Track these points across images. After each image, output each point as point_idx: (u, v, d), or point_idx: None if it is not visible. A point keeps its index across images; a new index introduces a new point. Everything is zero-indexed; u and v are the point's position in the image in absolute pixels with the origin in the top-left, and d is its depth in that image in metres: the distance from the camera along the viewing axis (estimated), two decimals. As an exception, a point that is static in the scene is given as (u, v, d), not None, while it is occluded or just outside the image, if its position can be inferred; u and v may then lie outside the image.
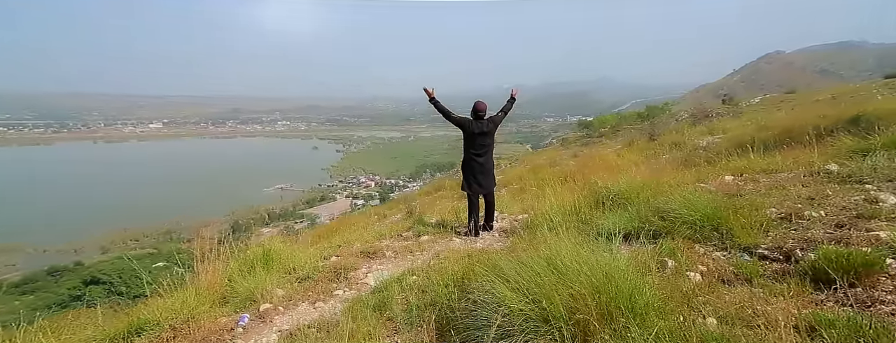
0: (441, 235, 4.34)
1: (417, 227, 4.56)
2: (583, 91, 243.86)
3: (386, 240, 4.41)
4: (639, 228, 3.18)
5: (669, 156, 8.39)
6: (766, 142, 5.89)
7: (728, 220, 2.77)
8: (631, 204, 3.67)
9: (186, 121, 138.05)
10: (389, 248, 4.03)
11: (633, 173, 4.44)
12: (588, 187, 4.33)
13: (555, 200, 3.96)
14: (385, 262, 3.66)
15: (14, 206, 50.24)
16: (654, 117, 23.14)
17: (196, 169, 77.25)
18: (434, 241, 4.16)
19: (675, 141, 9.58)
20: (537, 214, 3.92)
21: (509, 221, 4.68)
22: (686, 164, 6.34)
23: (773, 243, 2.43)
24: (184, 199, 54.69)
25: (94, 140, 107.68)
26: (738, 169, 4.53)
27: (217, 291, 2.88)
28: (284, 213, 47.99)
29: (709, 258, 2.53)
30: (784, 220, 2.72)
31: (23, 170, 72.91)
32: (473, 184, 4.25)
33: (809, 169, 3.81)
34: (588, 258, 2.08)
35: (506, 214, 5.05)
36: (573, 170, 6.60)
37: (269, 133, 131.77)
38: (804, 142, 4.87)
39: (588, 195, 4.07)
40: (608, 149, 9.47)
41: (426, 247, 4.00)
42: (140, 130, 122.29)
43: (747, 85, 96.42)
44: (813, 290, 1.90)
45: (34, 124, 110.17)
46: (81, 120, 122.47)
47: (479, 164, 4.23)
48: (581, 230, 3.26)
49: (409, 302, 2.55)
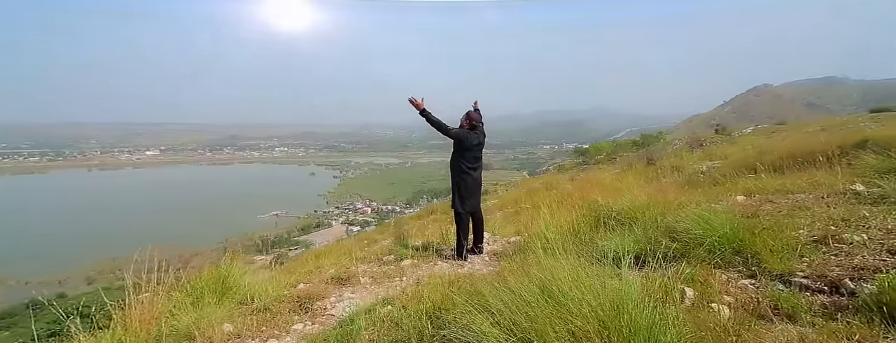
0: (425, 259, 3.90)
1: (400, 251, 4.12)
2: (577, 120, 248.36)
3: (365, 264, 3.96)
4: (647, 250, 2.79)
5: (670, 179, 8.09)
6: (772, 164, 5.60)
7: (752, 242, 2.39)
8: (636, 223, 3.29)
9: (183, 147, 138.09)
10: (367, 273, 3.57)
11: (635, 193, 4.09)
12: (587, 206, 3.96)
13: (551, 220, 3.57)
14: (359, 289, 3.21)
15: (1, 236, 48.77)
16: (650, 145, 23.17)
17: (191, 196, 76.21)
18: (417, 266, 3.72)
19: (674, 165, 9.31)
20: (531, 235, 3.52)
21: (501, 244, 4.27)
22: (689, 186, 6.02)
23: (813, 271, 2.04)
24: (177, 226, 53.47)
25: (90, 168, 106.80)
26: (749, 189, 4.19)
27: (150, 330, 2.41)
28: (279, 239, 46.86)
29: (734, 287, 2.13)
30: (819, 244, 2.33)
31: (12, 198, 71.62)
32: (468, 200, 3.88)
33: (831, 189, 3.47)
34: (592, 284, 1.69)
35: (498, 236, 4.63)
36: (571, 191, 6.24)
37: (266, 159, 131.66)
38: (815, 164, 4.58)
39: (587, 214, 3.69)
40: (606, 173, 9.15)
41: (408, 272, 3.55)
42: (136, 158, 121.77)
43: (738, 116, 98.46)
44: (883, 332, 1.49)
45: (30, 153, 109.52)
46: (78, 148, 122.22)
47: (474, 178, 3.89)
48: (581, 252, 2.87)
49: (375, 340, 2.10)
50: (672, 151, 15.80)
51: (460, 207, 3.87)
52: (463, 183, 3.87)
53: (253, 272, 3.36)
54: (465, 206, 3.87)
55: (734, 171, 5.74)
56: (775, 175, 4.57)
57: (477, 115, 3.89)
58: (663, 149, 18.92)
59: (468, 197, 3.87)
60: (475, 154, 3.88)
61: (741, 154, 9.32)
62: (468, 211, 3.91)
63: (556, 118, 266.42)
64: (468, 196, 3.87)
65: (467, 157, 3.85)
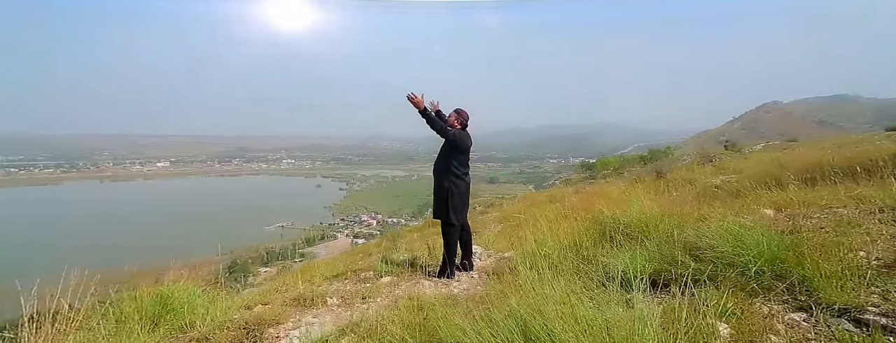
0: (407, 276, 3.44)
1: (381, 267, 3.66)
2: (583, 134, 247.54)
3: (340, 282, 3.50)
4: (663, 271, 2.32)
5: (682, 191, 7.57)
6: (799, 177, 5.08)
7: (798, 264, 1.91)
8: (648, 238, 2.82)
9: (193, 159, 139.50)
10: (337, 292, 3.11)
11: (646, 204, 3.62)
12: (591, 218, 3.49)
13: (549, 233, 3.11)
14: (324, 312, 2.75)
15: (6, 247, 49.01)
16: (658, 160, 22.63)
17: (198, 207, 76.46)
18: (396, 284, 3.27)
19: (685, 178, 8.77)
20: (527, 251, 3.06)
21: (495, 260, 3.80)
22: (704, 199, 5.51)
23: (893, 306, 1.56)
24: (182, 237, 53.36)
25: (101, 179, 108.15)
26: (777, 202, 3.68)
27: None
28: (284, 251, 46.45)
29: (782, 322, 1.65)
30: (891, 271, 1.84)
31: (23, 210, 72.35)
32: (461, 211, 3.45)
33: (883, 204, 2.96)
34: (592, 319, 1.24)
35: (491, 251, 4.16)
36: (575, 204, 5.76)
37: (273, 171, 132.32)
38: (853, 176, 4.07)
39: (591, 227, 3.22)
40: (613, 186, 8.64)
41: (385, 292, 3.09)
42: (147, 169, 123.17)
43: (748, 132, 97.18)
44: None
45: (45, 164, 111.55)
46: (91, 160, 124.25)
47: (467, 184, 3.49)
48: (582, 271, 2.40)
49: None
50: (682, 165, 15.24)
51: (453, 219, 3.40)
52: (456, 190, 3.42)
53: (208, 290, 2.92)
54: (458, 218, 3.43)
55: (753, 185, 5.25)
56: (805, 188, 4.06)
57: (467, 115, 3.50)
58: (672, 163, 18.36)
59: (461, 206, 3.45)
60: (467, 157, 3.49)
61: (758, 167, 8.77)
62: (461, 223, 3.48)
63: (562, 132, 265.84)
64: (461, 205, 3.45)
65: (461, 161, 3.44)
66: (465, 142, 3.41)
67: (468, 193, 3.53)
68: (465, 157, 3.47)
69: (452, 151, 3.43)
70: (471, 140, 3.48)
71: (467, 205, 3.55)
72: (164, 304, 2.54)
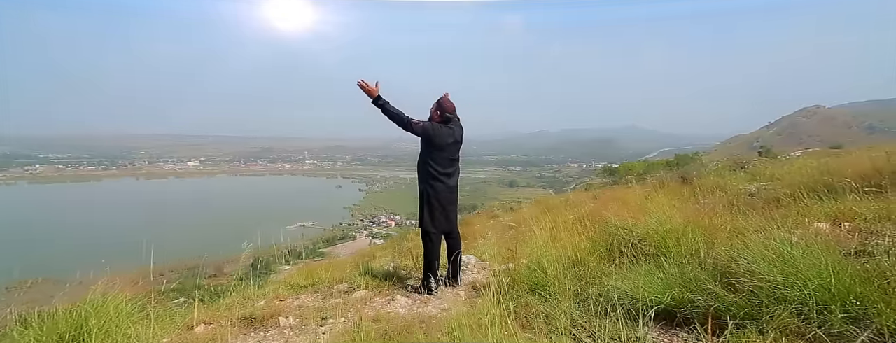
0: (384, 291, 3.00)
1: (357, 279, 3.23)
2: (607, 138, 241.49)
3: (308, 295, 3.09)
4: (685, 302, 1.79)
5: (711, 199, 6.78)
6: (857, 184, 4.32)
7: (887, 303, 1.35)
8: (667, 256, 2.28)
9: (221, 159, 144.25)
10: (298, 310, 2.71)
11: (666, 212, 3.04)
12: (599, 227, 2.95)
13: (549, 243, 2.61)
14: (272, 336, 2.33)
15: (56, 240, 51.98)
16: (685, 165, 21.41)
17: (223, 205, 78.89)
18: (368, 301, 2.82)
19: (715, 184, 7.92)
20: (521, 267, 2.56)
21: (489, 272, 3.31)
22: (738, 209, 4.79)
23: None
24: (208, 234, 55.06)
25: (137, 177, 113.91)
26: (832, 214, 3.04)
27: None
28: (305, 251, 47.12)
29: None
30: None
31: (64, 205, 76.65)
32: (439, 217, 2.99)
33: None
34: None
35: (486, 262, 3.67)
36: (590, 210, 5.17)
37: (296, 171, 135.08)
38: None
39: (598, 238, 2.69)
40: (634, 191, 7.91)
41: (353, 309, 2.66)
42: (179, 168, 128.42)
43: (784, 138, 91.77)
44: None
45: (89, 162, 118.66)
46: (130, 158, 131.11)
47: (447, 187, 3.01)
48: (579, 296, 1.92)
49: None
50: (711, 170, 14.13)
51: (430, 226, 2.97)
52: (433, 192, 2.98)
53: (147, 307, 2.49)
54: (436, 224, 2.99)
55: (799, 192, 4.51)
56: (866, 197, 3.36)
57: (451, 105, 2.99)
58: (701, 169, 17.13)
59: (439, 212, 2.99)
60: (449, 155, 2.99)
61: (800, 174, 7.81)
62: (440, 231, 3.02)
63: (585, 136, 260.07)
64: (439, 211, 2.99)
65: (439, 160, 2.96)
66: (442, 138, 2.92)
67: (451, 198, 3.06)
68: (444, 154, 2.97)
69: (427, 148, 2.98)
70: (455, 134, 2.99)
71: (453, 211, 3.09)
72: (79, 328, 2.07)
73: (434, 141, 2.92)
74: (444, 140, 2.93)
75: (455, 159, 3.04)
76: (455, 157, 3.04)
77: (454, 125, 3.01)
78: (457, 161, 3.08)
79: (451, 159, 3.01)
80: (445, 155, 2.98)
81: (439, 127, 2.95)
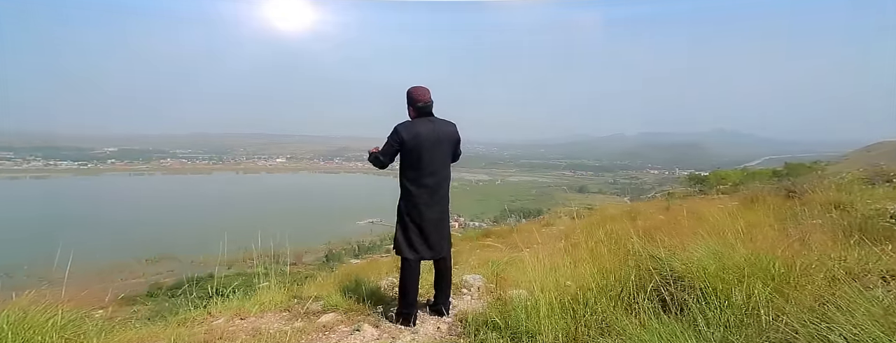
0: (354, 316, 2.62)
1: (332, 299, 2.81)
2: (692, 143, 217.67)
3: (274, 314, 2.78)
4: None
5: (822, 220, 5.30)
6: None
7: None
8: (712, 304, 1.64)
9: (303, 156, 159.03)
10: (253, 334, 2.39)
11: (728, 235, 2.31)
12: (625, 253, 2.45)
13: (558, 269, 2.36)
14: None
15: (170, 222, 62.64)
16: (797, 177, 18.23)
17: (302, 199, 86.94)
18: (331, 329, 2.45)
19: (833, 200, 6.26)
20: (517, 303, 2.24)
21: (490, 299, 2.81)
22: (864, 236, 3.58)
23: None
24: (288, 226, 61.21)
25: (237, 171, 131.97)
26: None
27: None
28: (372, 245, 49.97)
29: None
30: None
31: (181, 194, 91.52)
32: (416, 240, 2.41)
33: None
34: None
35: (493, 285, 3.17)
36: (655, 225, 4.66)
37: (368, 170, 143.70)
38: None
39: (620, 268, 2.18)
40: (717, 204, 6.67)
41: (313, 338, 2.36)
42: (269, 164, 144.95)
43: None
44: None
45: (201, 157, 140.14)
46: (232, 155, 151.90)
47: (427, 202, 2.41)
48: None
49: None
50: (834, 182, 11.41)
51: (407, 251, 2.41)
52: (405, 207, 2.44)
53: (93, 316, 2.47)
54: (415, 250, 2.42)
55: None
56: None
57: (423, 92, 2.39)
58: (818, 181, 14.10)
59: (415, 234, 2.41)
60: (431, 157, 2.37)
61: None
62: (421, 257, 2.45)
63: (666, 140, 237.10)
64: (415, 232, 2.42)
65: (414, 164, 2.38)
66: (414, 138, 2.33)
67: (435, 216, 2.43)
68: (422, 157, 2.35)
69: (403, 151, 2.40)
70: (437, 131, 2.39)
71: (436, 232, 2.45)
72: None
73: (405, 145, 2.35)
74: (420, 138, 2.34)
75: (436, 162, 2.41)
76: (441, 161, 2.43)
77: (435, 119, 2.43)
78: (442, 169, 2.45)
79: (433, 164, 2.39)
80: (424, 158, 2.35)
81: (411, 124, 2.40)
